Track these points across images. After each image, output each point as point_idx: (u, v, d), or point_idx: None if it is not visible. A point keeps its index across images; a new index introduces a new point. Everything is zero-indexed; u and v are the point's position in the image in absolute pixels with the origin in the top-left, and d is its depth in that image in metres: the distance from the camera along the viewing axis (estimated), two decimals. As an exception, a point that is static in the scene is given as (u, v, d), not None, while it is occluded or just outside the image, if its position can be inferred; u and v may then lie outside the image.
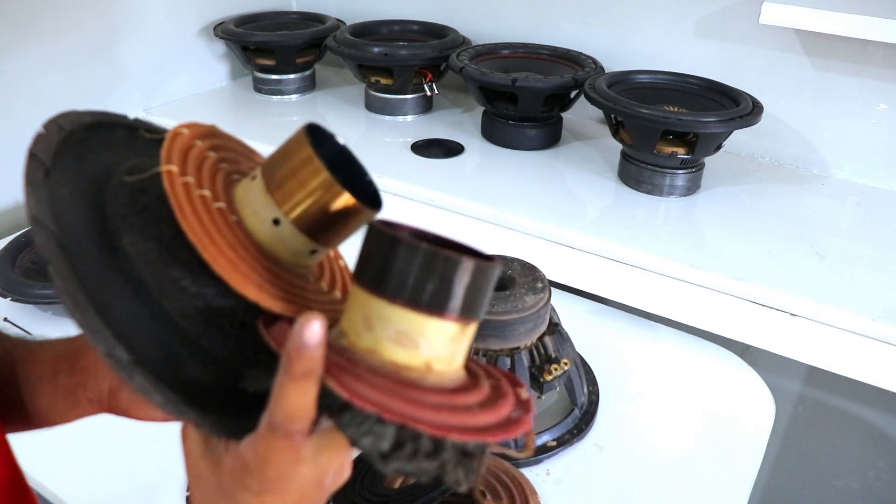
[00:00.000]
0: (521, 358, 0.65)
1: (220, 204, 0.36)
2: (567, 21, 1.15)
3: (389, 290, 0.32)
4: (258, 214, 0.37)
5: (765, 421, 0.73)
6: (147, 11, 1.16)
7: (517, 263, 0.70)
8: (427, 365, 0.33)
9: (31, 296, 0.81)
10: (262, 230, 0.37)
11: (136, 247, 0.35)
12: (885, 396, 0.78)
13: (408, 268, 0.32)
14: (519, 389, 0.37)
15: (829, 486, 1.21)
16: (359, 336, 0.33)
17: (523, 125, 1.05)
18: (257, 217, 0.37)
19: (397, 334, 0.32)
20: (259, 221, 0.37)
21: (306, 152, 0.37)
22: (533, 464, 0.66)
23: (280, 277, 0.37)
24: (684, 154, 0.90)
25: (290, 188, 0.37)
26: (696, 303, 0.80)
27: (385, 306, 0.32)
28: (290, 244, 0.37)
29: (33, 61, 1.03)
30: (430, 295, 0.32)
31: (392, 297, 0.32)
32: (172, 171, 0.35)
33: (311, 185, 0.37)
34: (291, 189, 0.37)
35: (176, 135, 0.37)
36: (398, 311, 0.32)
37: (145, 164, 0.38)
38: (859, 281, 0.78)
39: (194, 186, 0.36)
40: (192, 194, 0.35)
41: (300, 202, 0.37)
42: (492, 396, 0.34)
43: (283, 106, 1.24)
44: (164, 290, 0.35)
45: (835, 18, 0.84)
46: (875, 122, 0.97)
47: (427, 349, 0.32)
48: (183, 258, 0.35)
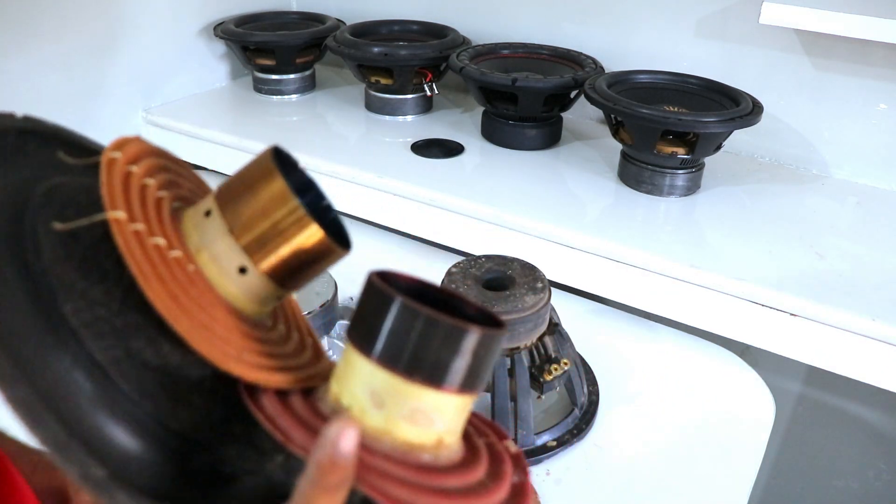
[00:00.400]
0: (521, 358, 0.65)
1: (177, 253, 0.30)
2: (567, 21, 1.15)
3: (406, 366, 0.29)
4: (219, 262, 0.31)
5: (765, 421, 0.73)
6: (147, 11, 1.16)
7: (517, 263, 0.70)
8: (439, 441, 0.30)
9: (31, 296, 0.81)
10: (225, 281, 0.31)
11: (81, 316, 0.28)
12: (885, 396, 0.78)
13: (430, 343, 0.28)
14: (506, 443, 0.34)
15: (829, 486, 1.21)
16: (366, 413, 0.29)
17: (523, 125, 1.05)
18: (218, 265, 0.31)
19: (412, 412, 0.29)
20: (221, 270, 0.31)
21: (279, 186, 0.31)
22: (533, 464, 0.66)
23: (249, 336, 0.31)
24: (684, 154, 0.90)
25: (260, 231, 0.31)
26: (696, 303, 0.80)
27: (400, 383, 0.29)
28: (256, 294, 0.32)
29: (33, 61, 1.03)
30: (452, 372, 0.29)
31: (409, 374, 0.29)
32: (120, 218, 0.28)
33: (285, 228, 0.31)
34: (263, 232, 0.31)
35: (111, 163, 0.30)
36: (415, 389, 0.29)
37: (67, 186, 0.32)
38: (859, 281, 0.78)
39: (146, 234, 0.29)
40: (147, 246, 0.29)
41: (273, 248, 0.31)
42: (492, 461, 0.32)
43: (283, 106, 1.24)
44: (122, 368, 0.29)
45: (835, 18, 0.84)
46: (875, 122, 0.97)
47: (441, 425, 0.30)
48: (138, 323, 0.29)
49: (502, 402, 0.65)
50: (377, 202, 0.99)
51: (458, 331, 0.28)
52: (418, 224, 0.97)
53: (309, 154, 1.04)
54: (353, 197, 1.01)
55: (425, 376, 0.29)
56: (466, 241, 0.94)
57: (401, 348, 0.29)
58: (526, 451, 0.66)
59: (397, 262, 0.97)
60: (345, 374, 0.30)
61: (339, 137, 1.12)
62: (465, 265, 0.70)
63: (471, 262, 0.70)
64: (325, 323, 0.71)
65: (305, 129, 1.14)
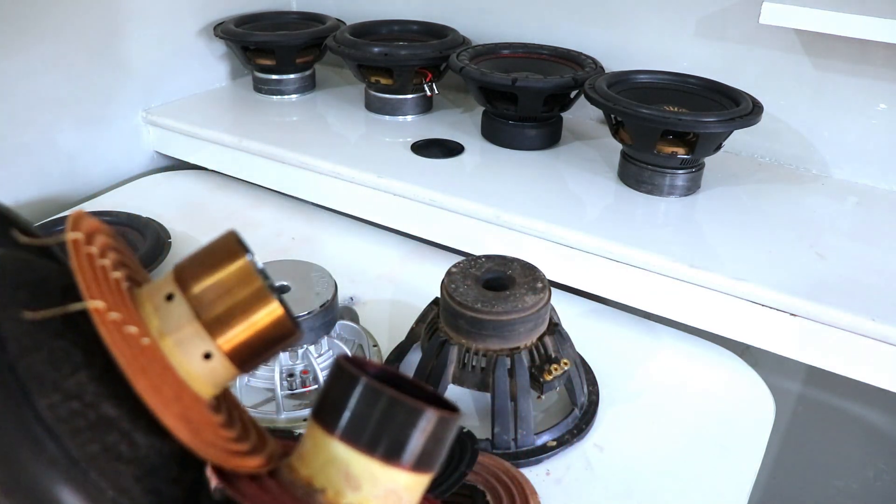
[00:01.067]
0: (521, 358, 0.65)
1: (146, 341, 0.30)
2: (567, 21, 1.15)
3: (384, 452, 0.30)
4: (185, 347, 0.31)
5: (765, 421, 0.73)
6: (147, 11, 1.16)
7: (517, 263, 0.70)
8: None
9: (30, 296, 0.81)
10: (190, 367, 0.31)
11: (56, 411, 0.27)
12: (885, 396, 0.78)
13: (370, 411, 0.30)
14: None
15: (829, 486, 1.21)
16: (341, 495, 0.30)
17: (523, 125, 1.05)
18: (184, 350, 0.31)
19: (386, 493, 0.31)
20: (186, 356, 0.31)
21: (244, 266, 0.32)
22: (533, 464, 0.66)
23: (216, 423, 0.31)
24: (684, 154, 0.90)
25: (226, 313, 0.31)
26: (696, 303, 0.80)
27: (378, 467, 0.30)
28: (217, 379, 0.32)
29: (33, 61, 1.03)
30: (427, 456, 0.31)
31: (387, 459, 0.30)
32: (100, 308, 0.28)
33: (250, 308, 0.32)
34: (228, 314, 0.31)
35: (77, 245, 0.29)
36: (391, 472, 0.30)
37: (18, 260, 0.31)
38: (859, 281, 0.78)
39: (122, 322, 0.28)
40: (124, 335, 0.28)
41: (237, 329, 0.31)
42: None
43: (282, 106, 1.24)
44: (99, 464, 0.28)
45: (835, 18, 0.84)
46: (875, 122, 0.97)
47: (409, 503, 0.32)
48: (111, 416, 0.28)
49: (502, 402, 0.65)
50: (377, 202, 0.99)
51: (443, 421, 0.31)
52: (418, 224, 0.97)
53: (309, 154, 1.04)
54: (353, 197, 1.01)
55: (405, 463, 0.31)
56: (466, 241, 0.94)
57: (380, 435, 0.30)
58: (526, 451, 0.66)
59: (397, 262, 0.97)
60: (313, 456, 0.31)
61: (339, 137, 1.12)
62: (465, 265, 0.70)
63: (471, 262, 0.70)
64: (325, 323, 0.71)
65: (305, 129, 1.14)
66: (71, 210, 1.05)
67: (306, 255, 0.95)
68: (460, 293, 0.65)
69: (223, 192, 1.16)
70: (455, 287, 0.66)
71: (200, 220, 1.07)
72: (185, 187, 1.18)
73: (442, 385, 0.66)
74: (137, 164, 1.22)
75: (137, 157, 1.22)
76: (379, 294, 0.90)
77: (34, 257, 0.32)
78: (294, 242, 1.02)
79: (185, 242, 1.01)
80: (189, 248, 0.99)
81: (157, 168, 1.25)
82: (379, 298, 0.89)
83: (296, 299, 0.71)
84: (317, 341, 0.72)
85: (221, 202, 1.13)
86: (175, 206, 1.10)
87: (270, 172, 1.09)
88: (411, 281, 0.93)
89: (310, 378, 0.71)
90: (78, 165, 1.13)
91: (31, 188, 1.06)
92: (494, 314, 0.64)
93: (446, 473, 0.57)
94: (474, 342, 0.65)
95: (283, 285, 0.73)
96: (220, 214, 1.09)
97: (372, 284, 0.92)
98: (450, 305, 0.65)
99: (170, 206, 1.10)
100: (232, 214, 1.09)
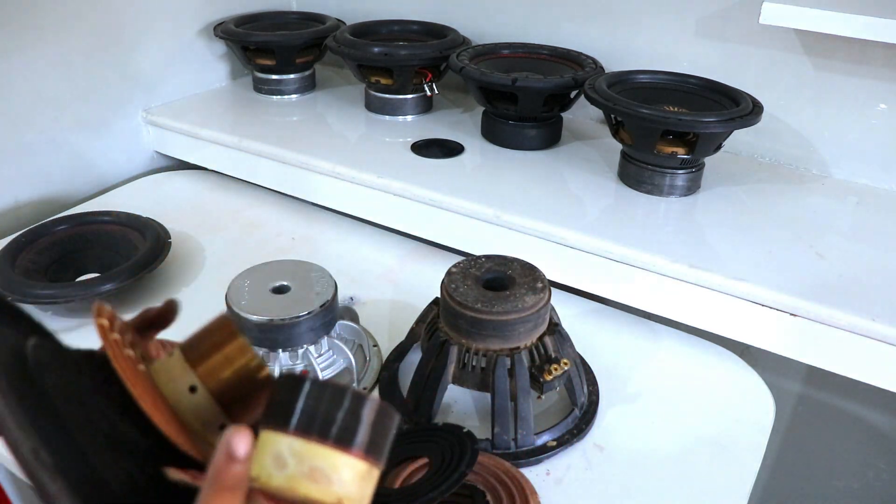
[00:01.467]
0: (521, 358, 0.65)
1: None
2: (567, 21, 1.15)
3: (301, 425, 0.34)
4: (175, 384, 0.39)
5: (765, 421, 0.73)
6: (147, 11, 1.16)
7: (517, 263, 0.70)
8: (339, 502, 0.34)
9: (31, 296, 0.81)
10: (180, 400, 0.39)
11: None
12: (885, 396, 0.78)
13: (317, 403, 0.34)
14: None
15: (829, 486, 1.21)
16: (271, 477, 0.34)
17: (523, 125, 1.05)
18: (175, 386, 0.39)
19: (311, 470, 0.33)
20: (177, 391, 0.39)
21: (230, 330, 0.40)
22: (533, 464, 0.66)
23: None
24: (684, 154, 0.90)
25: (212, 361, 0.39)
26: (696, 303, 0.80)
27: (297, 442, 0.34)
28: (202, 414, 0.39)
29: (33, 61, 1.03)
30: (340, 428, 0.34)
31: (304, 432, 0.34)
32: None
33: (233, 358, 0.39)
34: (214, 362, 0.39)
35: (105, 331, 0.38)
36: (310, 447, 0.34)
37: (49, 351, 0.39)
38: (859, 281, 0.78)
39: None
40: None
41: (217, 370, 0.39)
42: None
43: (283, 106, 1.24)
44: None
45: (835, 18, 0.84)
46: (875, 122, 0.97)
47: (339, 486, 0.34)
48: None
49: (502, 402, 0.65)
50: (377, 202, 0.99)
51: (341, 390, 0.34)
52: (418, 224, 0.97)
53: (309, 154, 1.04)
54: (353, 197, 1.01)
55: (317, 433, 0.34)
56: (466, 241, 0.94)
57: (294, 411, 0.34)
58: (526, 451, 0.66)
59: (397, 262, 0.97)
60: (258, 454, 0.34)
61: (339, 137, 1.12)
62: (465, 265, 0.70)
63: (471, 262, 0.70)
64: (325, 323, 0.71)
65: (305, 129, 1.14)
66: (71, 210, 1.05)
67: (306, 255, 0.95)
68: (460, 293, 0.65)
69: (223, 192, 1.16)
70: (455, 287, 0.66)
71: (200, 220, 1.07)
72: (185, 187, 1.18)
73: (442, 385, 0.66)
74: (137, 164, 1.22)
75: (137, 157, 1.22)
76: (379, 294, 0.90)
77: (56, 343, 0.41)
78: (294, 242, 1.02)
79: (185, 242, 1.01)
80: (189, 247, 0.99)
81: (157, 168, 1.25)
82: (379, 298, 0.89)
83: (296, 299, 0.71)
84: (317, 341, 0.72)
85: (221, 202, 1.13)
86: (175, 206, 1.10)
87: (270, 172, 1.09)
88: (411, 281, 0.93)
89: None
90: (78, 165, 1.13)
91: (31, 188, 1.06)
92: (494, 314, 0.64)
93: (446, 473, 0.57)
94: (474, 342, 0.65)
95: (283, 285, 0.73)
96: (220, 214, 1.09)
97: (372, 284, 0.92)
98: (450, 305, 0.65)
99: (170, 206, 1.10)
100: (232, 214, 1.09)
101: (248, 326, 0.69)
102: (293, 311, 0.69)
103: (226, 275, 0.76)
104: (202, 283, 0.92)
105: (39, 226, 0.93)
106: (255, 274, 0.74)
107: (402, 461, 0.62)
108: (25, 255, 0.89)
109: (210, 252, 0.99)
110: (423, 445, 0.63)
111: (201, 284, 0.92)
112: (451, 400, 0.73)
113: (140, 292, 0.89)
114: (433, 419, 0.68)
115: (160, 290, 0.90)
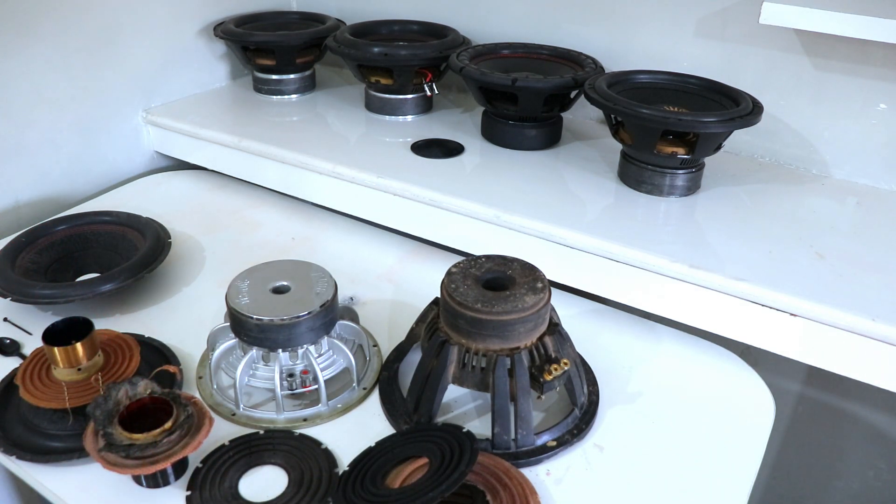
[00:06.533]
0: (521, 358, 0.65)
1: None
2: (567, 21, 1.15)
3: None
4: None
5: (765, 421, 0.73)
6: (147, 11, 1.16)
7: (517, 263, 0.70)
8: None
9: (31, 296, 0.81)
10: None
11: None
12: (885, 396, 0.78)
13: None
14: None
15: (830, 486, 1.21)
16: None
17: (523, 125, 1.05)
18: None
19: None
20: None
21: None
22: (533, 464, 0.66)
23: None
24: (684, 154, 0.90)
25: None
26: (696, 303, 0.80)
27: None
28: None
29: (33, 61, 1.03)
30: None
31: None
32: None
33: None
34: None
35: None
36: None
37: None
38: (859, 281, 0.78)
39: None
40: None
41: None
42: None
43: (283, 106, 1.24)
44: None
45: (835, 18, 0.84)
46: (875, 122, 0.97)
47: None
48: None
49: (502, 402, 0.65)
50: (377, 202, 0.99)
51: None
52: (418, 224, 0.97)
53: (309, 154, 1.04)
54: (353, 197, 1.01)
55: None
56: (466, 241, 0.94)
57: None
58: (526, 451, 0.66)
59: (397, 262, 0.97)
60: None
61: (339, 137, 1.11)
62: (465, 265, 0.70)
63: (471, 262, 0.70)
64: (325, 323, 0.71)
65: (305, 129, 1.14)
66: (71, 210, 1.05)
67: (306, 255, 0.95)
68: (460, 293, 0.65)
69: (223, 192, 1.16)
70: (455, 287, 0.66)
71: (200, 220, 1.07)
72: (185, 187, 1.18)
73: (442, 385, 0.66)
74: (137, 164, 1.22)
75: (137, 157, 1.22)
76: (379, 294, 0.90)
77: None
78: (294, 242, 1.02)
79: (185, 242, 1.01)
80: (189, 247, 1.00)
81: (157, 168, 1.25)
82: (379, 298, 0.89)
83: (296, 299, 0.71)
84: (317, 341, 0.72)
85: (221, 202, 1.13)
86: (175, 206, 1.10)
87: (270, 172, 1.09)
88: (411, 281, 0.93)
89: (310, 378, 0.71)
90: (78, 165, 1.13)
91: (31, 188, 1.06)
92: (494, 314, 0.64)
93: (446, 473, 0.57)
94: (474, 342, 0.65)
95: (283, 285, 0.73)
96: (221, 214, 1.09)
97: (372, 284, 0.92)
98: (450, 305, 0.65)
99: (170, 206, 1.10)
100: (232, 214, 1.09)
101: (248, 326, 0.69)
102: (293, 311, 0.69)
103: (226, 275, 0.76)
104: (202, 283, 0.92)
105: (39, 226, 0.93)
106: (255, 274, 0.74)
107: (401, 461, 0.62)
108: (25, 255, 0.89)
109: (210, 252, 0.99)
110: (422, 445, 0.63)
111: (201, 284, 0.92)
112: (451, 400, 0.73)
113: (140, 292, 0.89)
114: (433, 419, 0.68)
115: (160, 290, 0.90)
